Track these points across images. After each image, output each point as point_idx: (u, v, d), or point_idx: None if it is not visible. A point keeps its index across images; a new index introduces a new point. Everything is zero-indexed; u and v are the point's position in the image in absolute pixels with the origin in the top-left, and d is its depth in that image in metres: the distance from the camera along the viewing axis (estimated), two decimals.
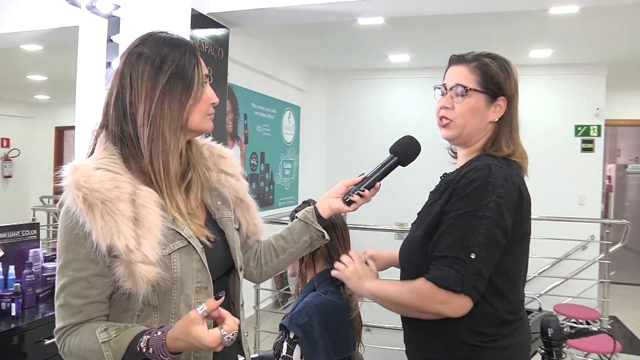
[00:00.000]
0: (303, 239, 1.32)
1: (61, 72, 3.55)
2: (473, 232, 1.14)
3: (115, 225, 0.96)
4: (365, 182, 1.33)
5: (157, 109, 1.04)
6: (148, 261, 0.97)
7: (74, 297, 0.99)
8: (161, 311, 1.03)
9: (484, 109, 1.27)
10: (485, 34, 4.31)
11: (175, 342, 0.93)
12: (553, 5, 3.30)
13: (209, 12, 2.94)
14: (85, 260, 0.99)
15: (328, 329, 1.58)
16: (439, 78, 5.09)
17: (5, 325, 1.90)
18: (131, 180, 1.03)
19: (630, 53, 4.86)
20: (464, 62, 1.32)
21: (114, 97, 1.07)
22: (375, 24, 4.08)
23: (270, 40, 4.71)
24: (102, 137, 1.07)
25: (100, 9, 2.68)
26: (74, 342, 0.99)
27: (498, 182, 1.16)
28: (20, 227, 2.27)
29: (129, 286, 0.97)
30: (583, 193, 5.20)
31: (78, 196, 0.97)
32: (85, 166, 1.01)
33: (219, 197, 1.21)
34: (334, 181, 1.37)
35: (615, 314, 4.92)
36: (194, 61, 1.09)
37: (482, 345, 1.20)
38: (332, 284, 1.67)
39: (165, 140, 1.05)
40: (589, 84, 5.27)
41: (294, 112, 5.91)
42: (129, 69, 1.06)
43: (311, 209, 1.33)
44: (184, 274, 1.04)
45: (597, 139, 5.24)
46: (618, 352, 2.93)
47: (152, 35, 1.11)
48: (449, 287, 1.13)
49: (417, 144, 1.35)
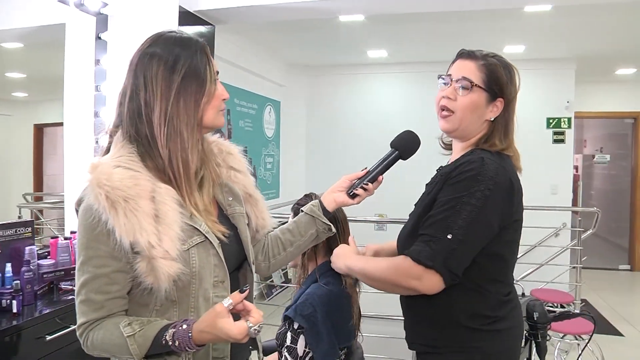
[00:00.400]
0: (310, 232, 1.35)
1: (41, 70, 3.51)
2: (454, 215, 1.19)
3: (138, 222, 0.98)
4: (369, 176, 1.36)
5: (173, 108, 1.06)
6: (169, 257, 0.99)
7: (96, 293, 1.01)
8: (180, 305, 1.05)
9: (483, 107, 1.32)
10: (460, 30, 4.45)
11: (201, 335, 0.96)
12: (528, 4, 3.45)
13: (196, 9, 2.97)
14: (106, 256, 1.01)
15: (331, 318, 1.62)
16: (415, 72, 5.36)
17: (6, 323, 1.91)
18: (150, 178, 1.05)
19: (597, 48, 5.08)
20: (473, 58, 1.34)
21: (127, 98, 1.08)
22: (355, 20, 4.16)
23: (252, 37, 4.74)
24: (119, 136, 1.08)
25: (89, 7, 2.68)
26: (97, 337, 1.01)
27: (488, 175, 1.21)
28: (16, 225, 2.27)
29: (151, 281, 0.99)
30: (555, 183, 5.42)
31: (100, 194, 0.98)
32: (105, 164, 1.02)
33: (229, 193, 1.23)
34: (314, 174, 1.43)
35: (585, 296, 5.17)
36: (205, 59, 1.11)
37: (483, 329, 1.26)
38: (333, 275, 1.73)
39: (183, 138, 1.07)
40: (560, 78, 5.48)
41: (275, 107, 5.95)
42: (142, 70, 1.07)
43: (317, 202, 1.37)
44: (202, 269, 1.06)
45: (567, 130, 5.47)
46: (590, 333, 3.12)
47: (162, 35, 1.12)
48: (420, 260, 1.19)
49: (417, 138, 1.39)
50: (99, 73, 2.81)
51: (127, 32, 2.79)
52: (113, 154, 1.06)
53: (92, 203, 0.99)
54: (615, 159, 7.41)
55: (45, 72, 3.58)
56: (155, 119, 1.06)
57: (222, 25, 3.27)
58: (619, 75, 6.24)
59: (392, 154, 1.38)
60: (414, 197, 1.50)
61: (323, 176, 5.96)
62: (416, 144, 1.40)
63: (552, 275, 4.53)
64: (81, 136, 2.86)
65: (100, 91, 2.81)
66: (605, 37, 4.64)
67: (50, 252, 2.50)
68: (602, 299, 5.38)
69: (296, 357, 1.63)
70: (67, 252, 2.46)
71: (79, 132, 2.87)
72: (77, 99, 2.87)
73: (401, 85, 5.99)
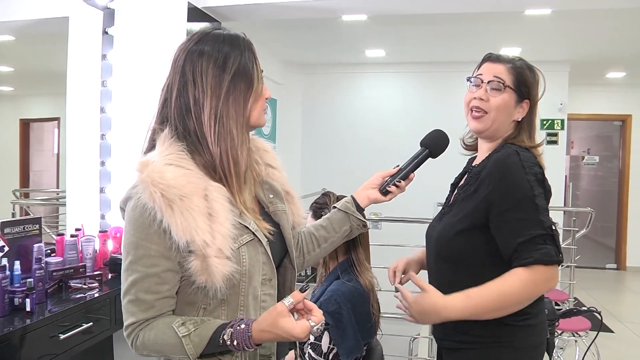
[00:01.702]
0: (344, 228, 1.36)
1: (31, 64, 3.44)
2: (539, 211, 1.22)
3: (194, 221, 0.97)
4: (401, 173, 1.38)
5: (223, 106, 1.05)
6: (222, 255, 0.99)
7: (146, 292, 1.00)
8: (229, 304, 1.05)
9: (512, 107, 1.37)
10: (459, 32, 4.48)
11: (261, 334, 0.96)
12: (529, 8, 3.50)
13: (204, 5, 2.95)
14: (157, 256, 1.00)
15: (355, 314, 1.66)
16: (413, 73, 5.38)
17: (20, 322, 1.88)
18: (202, 176, 1.04)
19: (590, 52, 5.19)
20: (501, 61, 1.38)
21: (174, 94, 1.07)
22: (358, 20, 4.17)
23: (249, 34, 4.66)
24: (167, 134, 1.06)
25: (97, 1, 2.64)
26: (148, 337, 1.01)
27: (530, 161, 1.27)
28: (24, 222, 2.23)
29: (204, 280, 0.98)
30: (549, 183, 5.51)
31: (155, 192, 0.97)
32: (156, 162, 1.01)
33: (270, 190, 1.23)
34: (309, 172, 1.44)
35: (576, 295, 5.27)
36: (252, 58, 1.11)
37: (518, 325, 1.28)
38: (354, 272, 1.76)
39: (233, 136, 1.06)
40: (554, 81, 5.53)
41: (271, 105, 5.93)
42: (190, 67, 1.06)
43: (350, 199, 1.39)
44: (252, 267, 1.06)
45: (560, 132, 5.56)
46: (587, 329, 3.19)
47: (210, 32, 1.11)
48: (553, 260, 1.20)
49: (447, 137, 1.43)
50: (105, 68, 2.77)
51: (135, 27, 2.75)
52: (162, 151, 1.04)
53: (146, 201, 0.98)
54: (601, 161, 7.56)
55: (35, 66, 3.51)
56: (205, 116, 1.05)
57: (228, 22, 3.26)
58: (610, 78, 6.38)
59: (422, 152, 1.41)
60: (409, 196, 1.51)
61: (319, 174, 5.98)
62: (446, 143, 1.43)
63: None
64: (85, 132, 2.82)
65: (107, 86, 2.77)
66: (598, 41, 4.75)
67: (57, 250, 2.47)
68: (592, 297, 5.51)
69: (320, 353, 1.64)
70: (75, 249, 2.42)
71: (83, 128, 2.82)
72: (80, 94, 2.83)
73: (398, 85, 6.03)
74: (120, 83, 2.78)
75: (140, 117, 2.35)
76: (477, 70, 1.43)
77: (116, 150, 2.79)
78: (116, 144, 2.79)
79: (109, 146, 2.79)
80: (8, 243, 2.16)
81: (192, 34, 1.13)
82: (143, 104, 2.68)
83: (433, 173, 2.54)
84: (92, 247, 2.47)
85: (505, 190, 1.25)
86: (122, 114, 2.77)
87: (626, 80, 6.45)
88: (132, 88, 2.76)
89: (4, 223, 2.17)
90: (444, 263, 1.39)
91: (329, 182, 5.31)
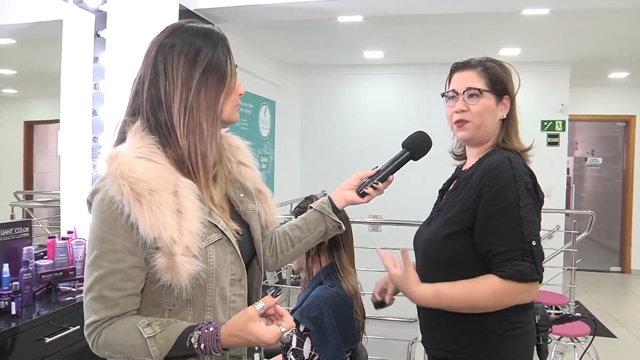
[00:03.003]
0: (319, 229, 1.33)
1: (33, 66, 3.46)
2: (523, 222, 1.19)
3: (162, 217, 0.95)
4: (379, 175, 1.35)
5: (193, 99, 1.03)
6: (189, 254, 0.96)
7: (111, 289, 0.96)
8: (194, 304, 1.02)
9: (494, 108, 1.36)
10: (458, 32, 4.45)
11: (230, 339, 0.94)
12: (526, 8, 3.47)
13: (196, 7, 2.95)
14: (123, 251, 0.96)
15: (337, 320, 1.63)
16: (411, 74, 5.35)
17: (5, 325, 1.87)
18: (172, 171, 1.01)
19: (591, 52, 5.13)
20: (470, 67, 1.38)
21: (146, 86, 1.05)
22: (353, 21, 4.15)
23: (247, 36, 4.71)
24: (138, 126, 1.04)
25: (88, 4, 2.65)
26: (110, 336, 0.97)
27: (521, 170, 1.24)
28: (13, 225, 2.23)
29: (169, 278, 0.96)
30: (549, 185, 5.45)
31: (124, 185, 0.94)
32: (126, 155, 0.98)
33: (241, 189, 1.20)
34: (309, 174, 1.42)
35: (577, 298, 5.21)
36: (226, 52, 1.10)
37: (508, 335, 1.26)
38: (337, 277, 1.74)
39: (202, 130, 1.04)
40: (554, 81, 5.52)
41: (270, 107, 5.93)
42: (162, 59, 1.04)
43: (326, 199, 1.35)
44: (219, 267, 1.04)
45: (561, 133, 5.51)
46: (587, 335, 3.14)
47: (183, 25, 1.09)
48: (528, 279, 1.18)
49: (429, 139, 1.40)
50: (97, 71, 2.77)
51: (126, 30, 2.75)
52: (132, 144, 1.01)
53: (114, 194, 0.95)
54: (606, 162, 7.49)
55: (37, 69, 3.53)
56: (175, 108, 1.03)
57: (222, 24, 3.25)
58: (612, 78, 6.32)
59: (403, 154, 1.38)
60: (409, 199, 1.50)
61: (318, 176, 5.96)
62: (428, 145, 1.40)
63: (546, 277, 4.54)
64: (78, 134, 2.82)
65: (99, 89, 2.77)
66: (599, 41, 4.69)
67: (48, 253, 2.46)
68: (595, 301, 5.44)
69: (302, 359, 1.62)
70: (65, 252, 2.42)
71: (76, 131, 2.83)
72: (73, 96, 2.83)
73: (397, 87, 6.00)
74: (112, 85, 2.78)
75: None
76: (449, 84, 1.43)
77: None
78: (108, 147, 2.78)
79: (101, 149, 2.79)
80: None
81: (166, 26, 1.11)
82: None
83: (435, 175, 2.51)
84: (82, 250, 2.46)
85: (492, 196, 1.23)
86: (114, 116, 2.76)
87: (629, 80, 6.39)
88: (124, 90, 2.75)
89: None
90: (433, 268, 1.36)
91: (328, 183, 5.27)
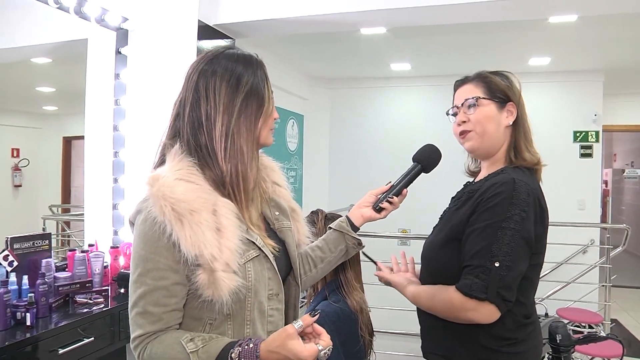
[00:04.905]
0: (339, 248, 1.38)
1: (69, 84, 3.60)
2: (497, 241, 1.18)
3: (203, 235, 0.99)
4: (393, 190, 1.40)
5: (235, 124, 1.08)
6: (229, 270, 1.01)
7: (154, 305, 1.02)
8: (234, 319, 1.06)
9: (497, 115, 1.34)
10: (485, 42, 4.37)
11: (269, 355, 0.96)
12: (552, 15, 3.36)
13: (215, 23, 2.98)
14: (166, 269, 1.01)
15: (340, 336, 1.61)
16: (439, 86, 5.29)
17: (20, 335, 1.92)
18: (211, 191, 1.06)
19: (626, 60, 4.94)
20: (467, 82, 1.41)
21: (187, 109, 1.10)
22: (377, 33, 4.13)
23: (273, 50, 4.75)
24: (177, 149, 1.09)
25: (109, 22, 2.72)
26: (156, 350, 1.01)
27: (522, 197, 1.21)
28: (33, 238, 2.29)
29: (210, 294, 1.00)
30: (582, 198, 5.25)
31: (166, 206, 0.99)
32: (167, 177, 1.04)
33: (276, 207, 1.25)
34: (337, 189, 1.44)
35: (615, 316, 4.97)
36: (264, 78, 1.14)
37: (502, 350, 1.24)
38: (342, 293, 1.71)
39: (243, 154, 1.09)
40: (587, 91, 5.34)
41: (297, 121, 5.95)
42: (204, 83, 1.09)
43: (344, 218, 1.41)
44: (257, 282, 1.08)
45: (595, 144, 5.30)
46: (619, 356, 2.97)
47: (223, 52, 1.14)
48: (473, 295, 1.17)
49: (438, 152, 1.43)
50: (118, 87, 2.84)
51: (147, 47, 2.82)
52: (172, 166, 1.06)
53: (156, 215, 1.00)
54: None
55: (72, 86, 3.67)
56: (216, 132, 1.08)
57: (242, 39, 3.29)
58: None
59: (414, 167, 1.42)
60: (438, 212, 1.50)
61: (346, 190, 5.91)
62: (437, 157, 1.43)
63: (579, 294, 4.36)
64: (101, 149, 2.89)
65: (120, 105, 2.84)
66: (633, 47, 4.50)
67: (68, 265, 2.52)
68: (634, 319, 5.17)
69: None
70: (84, 264, 2.47)
71: (99, 146, 2.90)
72: (97, 112, 2.91)
73: (425, 99, 5.93)
74: (132, 101, 2.84)
75: (152, 135, 2.38)
76: (453, 100, 1.44)
77: (129, 167, 2.84)
78: (129, 161, 2.84)
79: (122, 163, 2.85)
80: (17, 258, 2.22)
81: (206, 52, 1.16)
82: (155, 122, 2.74)
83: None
84: (100, 262, 2.51)
85: (481, 213, 1.24)
86: (135, 131, 2.83)
87: None
88: (144, 106, 2.81)
89: (13, 239, 2.23)
90: (431, 277, 1.38)
91: (356, 197, 5.24)
